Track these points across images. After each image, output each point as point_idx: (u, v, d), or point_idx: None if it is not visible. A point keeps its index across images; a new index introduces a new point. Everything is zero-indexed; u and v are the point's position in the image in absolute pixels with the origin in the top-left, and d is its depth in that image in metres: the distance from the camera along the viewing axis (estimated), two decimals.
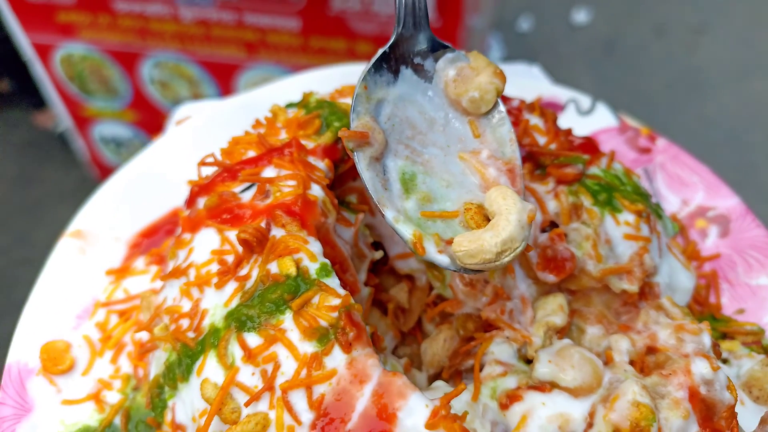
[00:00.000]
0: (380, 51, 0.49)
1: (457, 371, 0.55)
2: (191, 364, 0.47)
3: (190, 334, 0.48)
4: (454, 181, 0.48)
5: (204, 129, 0.73)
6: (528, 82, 0.85)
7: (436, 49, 0.51)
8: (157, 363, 0.52)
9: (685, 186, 0.73)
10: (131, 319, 0.60)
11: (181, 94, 1.44)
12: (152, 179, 0.70)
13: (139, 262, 0.64)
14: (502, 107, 0.51)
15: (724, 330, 0.63)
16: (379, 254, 0.60)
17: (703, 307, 0.66)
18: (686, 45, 2.52)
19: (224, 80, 1.39)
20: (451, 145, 0.50)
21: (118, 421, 0.55)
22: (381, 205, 0.47)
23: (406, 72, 0.50)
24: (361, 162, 0.48)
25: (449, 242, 0.45)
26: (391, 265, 0.63)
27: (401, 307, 0.62)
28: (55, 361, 0.56)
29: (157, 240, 0.67)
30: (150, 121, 1.53)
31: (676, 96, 2.38)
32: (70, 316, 0.60)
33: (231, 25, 1.27)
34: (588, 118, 0.79)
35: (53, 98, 1.52)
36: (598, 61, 2.42)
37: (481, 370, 0.51)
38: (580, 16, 2.61)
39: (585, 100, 0.80)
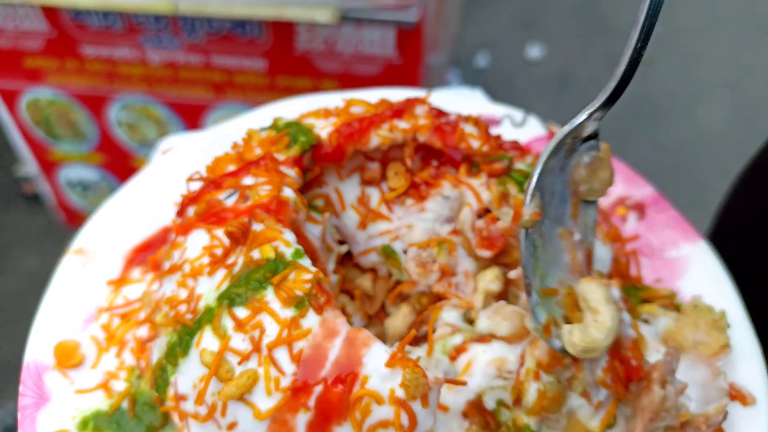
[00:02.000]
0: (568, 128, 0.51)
1: (416, 339, 0.64)
2: (190, 340, 0.56)
3: (188, 316, 0.57)
4: (555, 259, 0.51)
5: (187, 157, 0.83)
6: (470, 102, 0.98)
7: (593, 135, 0.53)
8: (158, 348, 0.61)
9: None
10: (132, 320, 0.68)
11: (148, 136, 1.47)
12: (142, 202, 0.79)
13: (136, 273, 0.73)
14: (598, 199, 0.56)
15: (644, 296, 0.75)
16: (344, 248, 0.70)
17: (625, 279, 0.77)
18: (635, 77, 2.70)
19: (192, 120, 1.43)
20: (556, 221, 0.53)
21: (125, 404, 0.63)
22: (530, 285, 0.50)
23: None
24: (524, 241, 0.50)
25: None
26: (355, 261, 0.73)
27: (367, 294, 0.72)
28: (67, 357, 0.64)
29: (149, 254, 0.76)
30: (117, 163, 1.55)
31: (629, 125, 2.55)
32: (77, 321, 0.68)
33: (198, 67, 1.32)
34: (521, 130, 0.91)
35: (19, 144, 1.54)
36: (553, 93, 2.58)
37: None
38: (534, 52, 2.78)
39: (518, 114, 0.93)
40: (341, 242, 0.72)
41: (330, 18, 1.16)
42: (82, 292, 0.70)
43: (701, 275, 0.75)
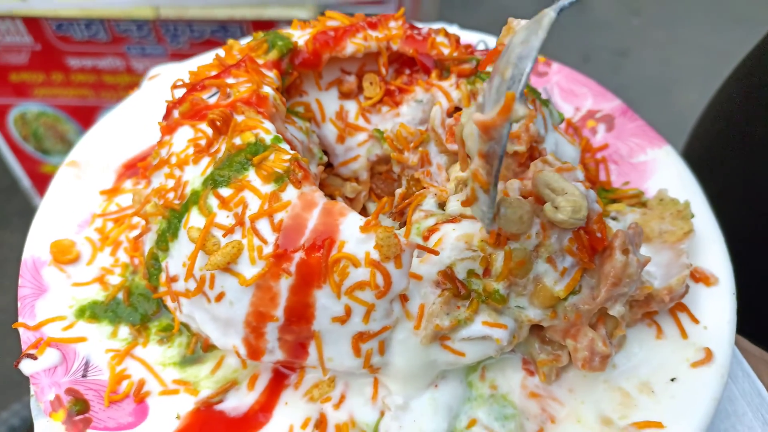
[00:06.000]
0: None
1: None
2: (178, 222, 0.59)
3: (176, 202, 0.60)
4: None
5: (171, 81, 0.86)
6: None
7: None
8: (150, 240, 0.64)
9: (576, 96, 0.89)
10: (125, 223, 0.72)
11: None
12: (131, 122, 0.83)
13: (128, 184, 0.76)
14: None
15: (613, 197, 0.78)
16: (324, 159, 0.73)
17: (595, 183, 0.81)
18: (611, 67, 2.77)
19: None
20: None
21: (120, 296, 0.66)
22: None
23: None
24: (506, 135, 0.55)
25: None
26: (336, 171, 0.77)
27: (348, 198, 0.75)
28: (63, 253, 0.68)
29: (138, 170, 0.79)
30: None
31: None
32: (72, 225, 0.72)
33: None
34: None
35: (8, 159, 1.53)
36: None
37: None
38: None
39: (492, 40, 0.96)
40: (324, 152, 0.76)
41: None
42: (76, 200, 0.74)
43: (667, 174, 0.78)
